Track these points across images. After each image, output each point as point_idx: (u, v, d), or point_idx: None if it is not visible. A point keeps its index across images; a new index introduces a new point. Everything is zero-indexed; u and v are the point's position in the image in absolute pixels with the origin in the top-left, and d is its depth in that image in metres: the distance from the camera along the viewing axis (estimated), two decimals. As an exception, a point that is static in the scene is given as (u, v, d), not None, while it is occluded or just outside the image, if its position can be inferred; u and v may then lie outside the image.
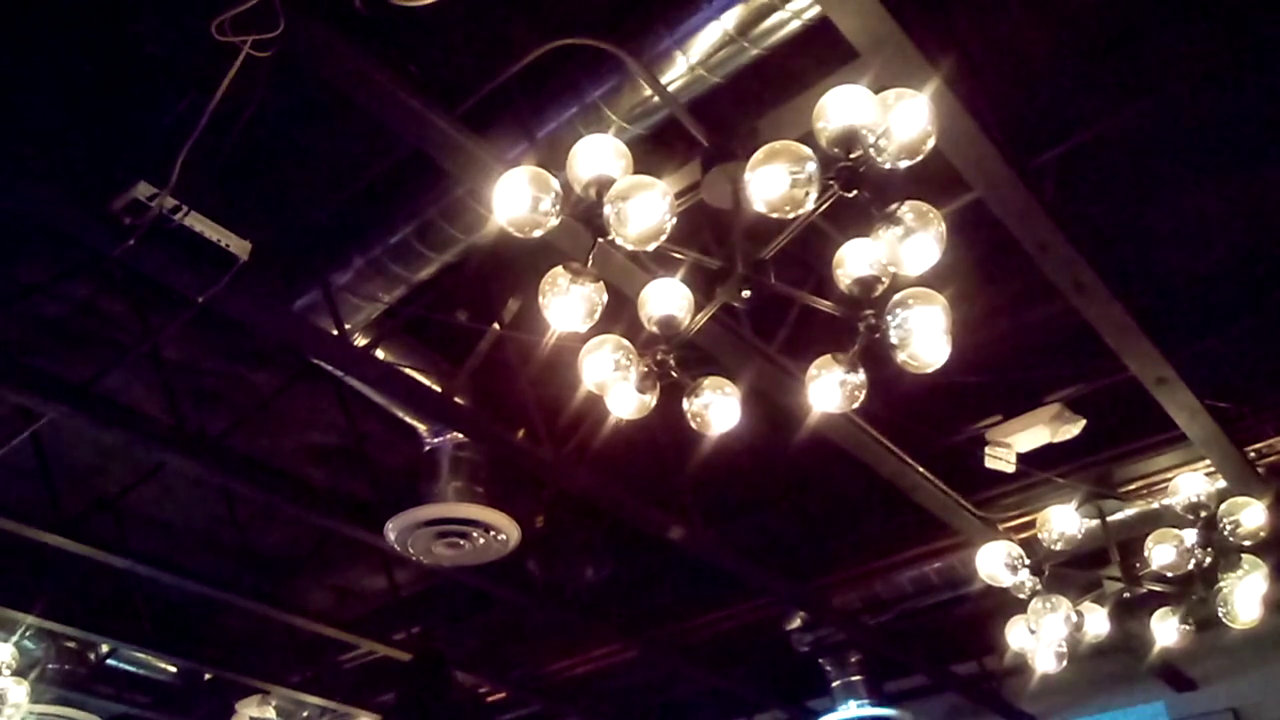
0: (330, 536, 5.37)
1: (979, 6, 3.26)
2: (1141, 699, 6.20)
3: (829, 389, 2.63)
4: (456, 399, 4.18)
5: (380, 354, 4.01)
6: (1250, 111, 3.67)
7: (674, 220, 2.43)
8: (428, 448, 4.44)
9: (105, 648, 6.32)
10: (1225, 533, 4.16)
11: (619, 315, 2.70)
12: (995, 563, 4.35)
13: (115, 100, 3.37)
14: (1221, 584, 4.24)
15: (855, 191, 2.35)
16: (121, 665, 6.58)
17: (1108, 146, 3.65)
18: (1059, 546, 4.27)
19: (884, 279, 2.52)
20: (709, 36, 2.85)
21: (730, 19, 2.80)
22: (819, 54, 2.84)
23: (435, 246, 3.50)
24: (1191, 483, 4.21)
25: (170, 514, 5.49)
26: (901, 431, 4.26)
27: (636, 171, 2.46)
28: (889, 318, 2.48)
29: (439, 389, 4.19)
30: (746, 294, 2.57)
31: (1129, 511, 4.65)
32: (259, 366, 4.63)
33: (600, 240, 2.45)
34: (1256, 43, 3.39)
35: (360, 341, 3.91)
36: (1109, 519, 4.60)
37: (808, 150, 2.35)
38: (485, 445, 4.40)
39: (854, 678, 6.14)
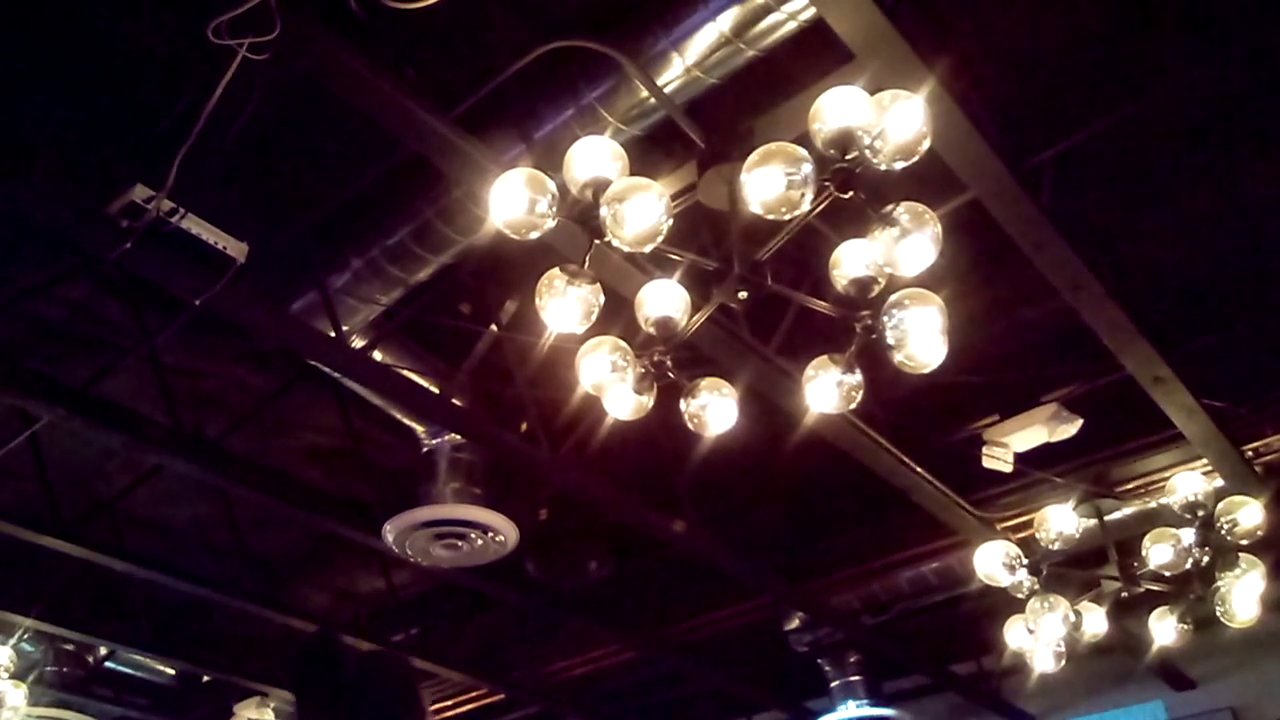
0: (328, 538, 5.37)
1: (974, 7, 3.26)
2: (1140, 698, 6.20)
3: (826, 389, 2.63)
4: (454, 400, 4.19)
5: (378, 355, 4.01)
6: (1247, 111, 3.68)
7: (670, 221, 2.44)
8: (425, 449, 4.44)
9: (103, 650, 6.32)
10: (1223, 532, 4.17)
11: (616, 316, 2.71)
12: (993, 562, 4.36)
13: (112, 103, 3.37)
14: (1219, 583, 4.25)
15: (851, 193, 2.36)
16: (120, 668, 6.58)
17: (1104, 146, 3.65)
18: (1057, 546, 4.28)
19: (880, 280, 2.53)
20: (705, 38, 2.85)
21: (726, 20, 2.80)
22: (815, 55, 2.84)
23: (432, 248, 3.50)
24: (1189, 482, 4.22)
25: (168, 516, 5.49)
26: (899, 431, 4.26)
27: (633, 173, 2.46)
28: (885, 318, 2.49)
29: (437, 390, 4.19)
30: (743, 295, 2.58)
31: (1126, 511, 4.65)
32: (257, 368, 4.63)
33: (597, 242, 2.46)
34: (1253, 42, 3.40)
35: (358, 343, 3.91)
36: (1106, 518, 4.60)
37: (803, 152, 2.36)
38: (483, 446, 4.40)
39: (852, 678, 6.14)
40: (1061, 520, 4.29)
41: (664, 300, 2.62)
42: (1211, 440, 4.15)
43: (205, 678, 6.63)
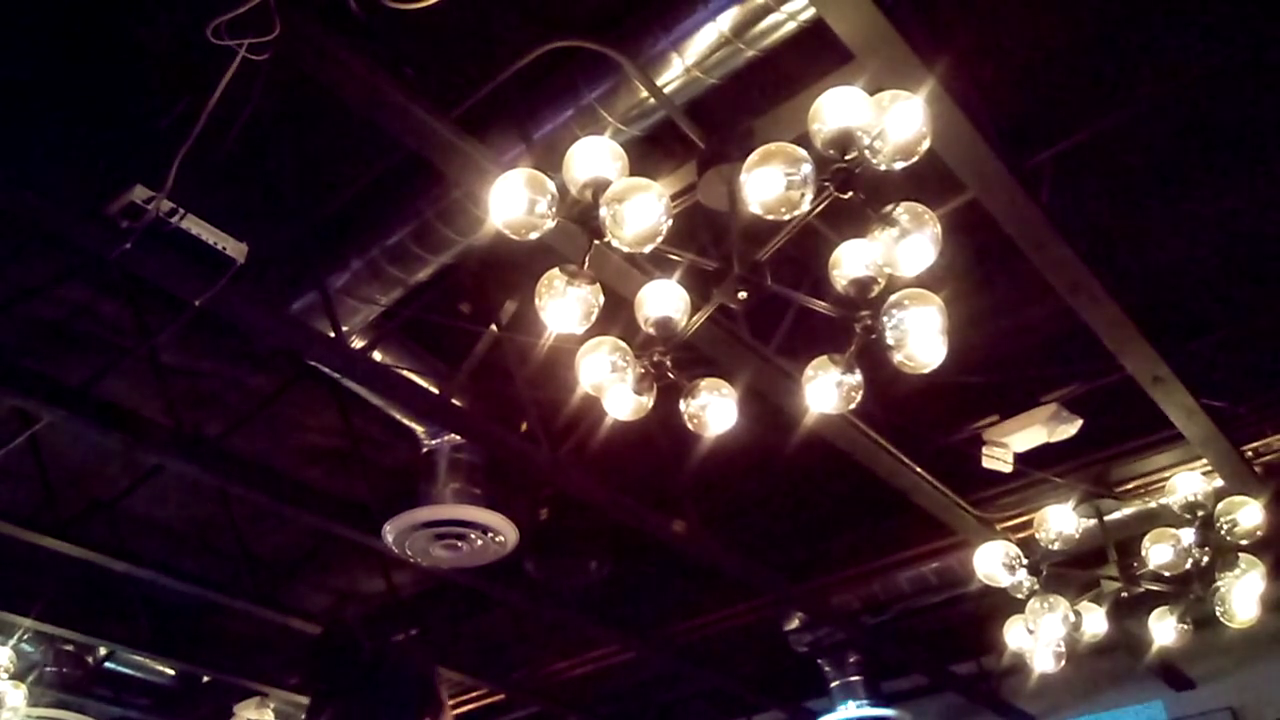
0: (328, 538, 5.37)
1: (974, 7, 3.26)
2: (1140, 698, 6.21)
3: (826, 390, 2.63)
4: (454, 400, 4.19)
5: (378, 356, 4.01)
6: (1247, 111, 3.68)
7: (670, 222, 2.44)
8: (425, 449, 4.44)
9: (103, 651, 6.31)
10: (1222, 532, 4.17)
11: (616, 317, 2.71)
12: (993, 563, 4.36)
13: (112, 103, 3.37)
14: (1219, 583, 4.25)
15: (850, 193, 2.36)
16: (120, 668, 6.58)
17: (1104, 146, 3.65)
18: (1056, 546, 4.28)
19: (880, 280, 2.53)
20: (705, 38, 2.85)
21: (726, 21, 2.80)
22: (814, 56, 2.84)
23: (432, 248, 3.50)
24: (1189, 482, 4.22)
25: (168, 516, 5.49)
26: (898, 432, 4.26)
27: (633, 173, 2.46)
28: (885, 318, 2.49)
29: (436, 390, 4.19)
30: (743, 295, 2.58)
31: (1126, 511, 4.65)
32: (256, 369, 4.63)
33: (596, 242, 2.46)
34: (1254, 43, 3.39)
35: (357, 343, 3.91)
36: (1106, 518, 4.61)
37: (803, 152, 2.36)
38: (483, 446, 4.40)
39: (852, 678, 6.14)
40: (1061, 520, 4.29)
41: (664, 300, 2.62)
42: (1211, 440, 4.15)
43: (205, 678, 6.63)
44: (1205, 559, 4.20)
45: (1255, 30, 3.36)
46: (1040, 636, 4.32)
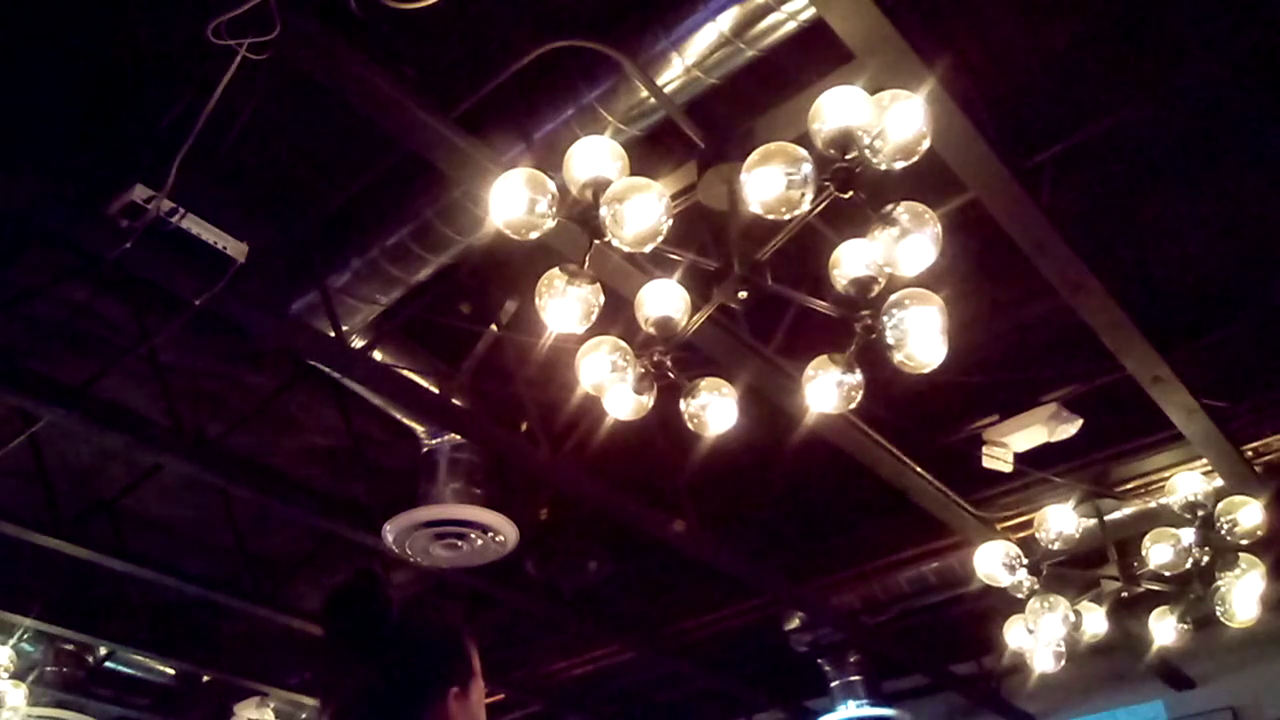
0: (328, 538, 5.37)
1: (975, 8, 3.26)
2: (1140, 698, 6.21)
3: (826, 389, 2.63)
4: (454, 400, 4.19)
5: (378, 355, 4.01)
6: (1247, 111, 3.68)
7: (670, 222, 2.43)
8: (425, 449, 4.44)
9: (103, 650, 6.32)
10: (1223, 532, 4.17)
11: (616, 316, 2.71)
12: (993, 562, 4.36)
13: (112, 103, 3.37)
14: (1219, 583, 4.25)
15: (851, 192, 2.36)
16: (120, 668, 6.58)
17: (1104, 146, 3.65)
18: (1057, 546, 4.28)
19: (880, 279, 2.53)
20: (705, 38, 2.85)
21: (726, 20, 2.80)
22: (815, 55, 2.84)
23: (432, 248, 3.50)
24: (1189, 482, 4.22)
25: (168, 516, 5.49)
26: (899, 431, 4.26)
27: (633, 173, 2.46)
28: (885, 318, 2.49)
29: (436, 390, 4.19)
30: (743, 295, 2.59)
31: (1126, 511, 4.65)
32: (256, 368, 4.63)
33: (597, 242, 2.46)
34: (1254, 42, 3.40)
35: (358, 343, 3.91)
36: (1106, 518, 4.61)
37: (803, 152, 2.36)
38: (483, 446, 4.40)
39: (853, 678, 6.15)
40: (1061, 520, 4.28)
41: (664, 300, 2.63)
42: (1211, 440, 4.15)
43: (205, 678, 6.64)
44: (1205, 559, 4.20)
45: (1255, 29, 3.36)
46: (1040, 636, 4.32)
